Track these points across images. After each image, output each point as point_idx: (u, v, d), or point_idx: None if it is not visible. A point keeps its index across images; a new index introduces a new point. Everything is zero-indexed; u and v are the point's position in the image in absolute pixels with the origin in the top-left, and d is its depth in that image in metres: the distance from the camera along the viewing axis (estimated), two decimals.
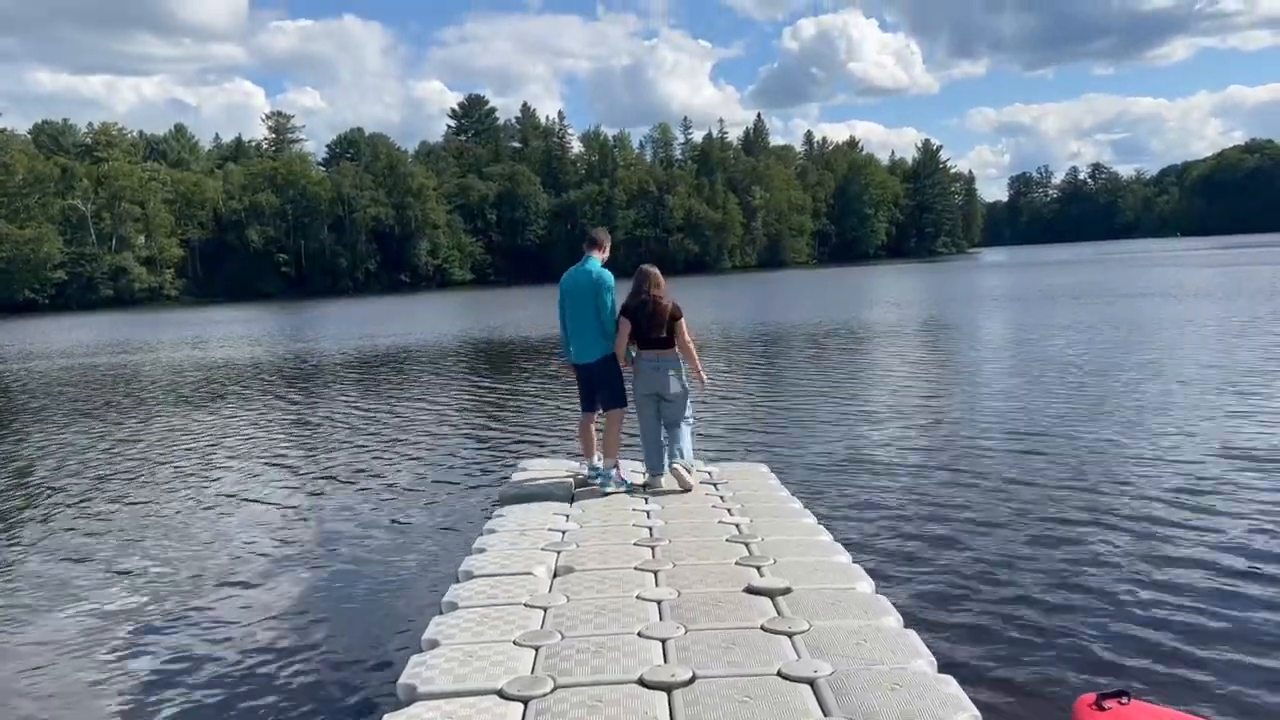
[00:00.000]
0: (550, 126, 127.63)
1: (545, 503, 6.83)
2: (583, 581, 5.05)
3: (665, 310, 6.92)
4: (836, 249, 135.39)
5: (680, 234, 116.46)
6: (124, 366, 26.63)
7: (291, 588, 6.97)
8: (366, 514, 8.95)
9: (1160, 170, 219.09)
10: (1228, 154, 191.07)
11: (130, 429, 14.95)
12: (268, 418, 15.60)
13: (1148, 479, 8.61)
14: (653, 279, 6.97)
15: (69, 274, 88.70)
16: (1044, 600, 5.91)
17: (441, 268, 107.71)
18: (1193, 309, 26.42)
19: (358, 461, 11.45)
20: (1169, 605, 5.73)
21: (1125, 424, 11.12)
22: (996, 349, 20.32)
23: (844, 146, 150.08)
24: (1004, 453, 10.00)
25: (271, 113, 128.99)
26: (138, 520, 9.15)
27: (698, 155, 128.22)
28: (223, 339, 37.16)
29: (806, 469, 9.65)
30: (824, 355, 20.65)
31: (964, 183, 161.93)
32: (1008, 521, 7.56)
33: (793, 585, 4.79)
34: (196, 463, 11.94)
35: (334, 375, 22.02)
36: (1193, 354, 16.98)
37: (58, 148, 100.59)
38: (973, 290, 45.03)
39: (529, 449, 11.45)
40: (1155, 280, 42.55)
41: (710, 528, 6.05)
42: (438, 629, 4.42)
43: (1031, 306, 31.98)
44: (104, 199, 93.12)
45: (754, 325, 30.36)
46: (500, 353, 25.64)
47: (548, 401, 15.61)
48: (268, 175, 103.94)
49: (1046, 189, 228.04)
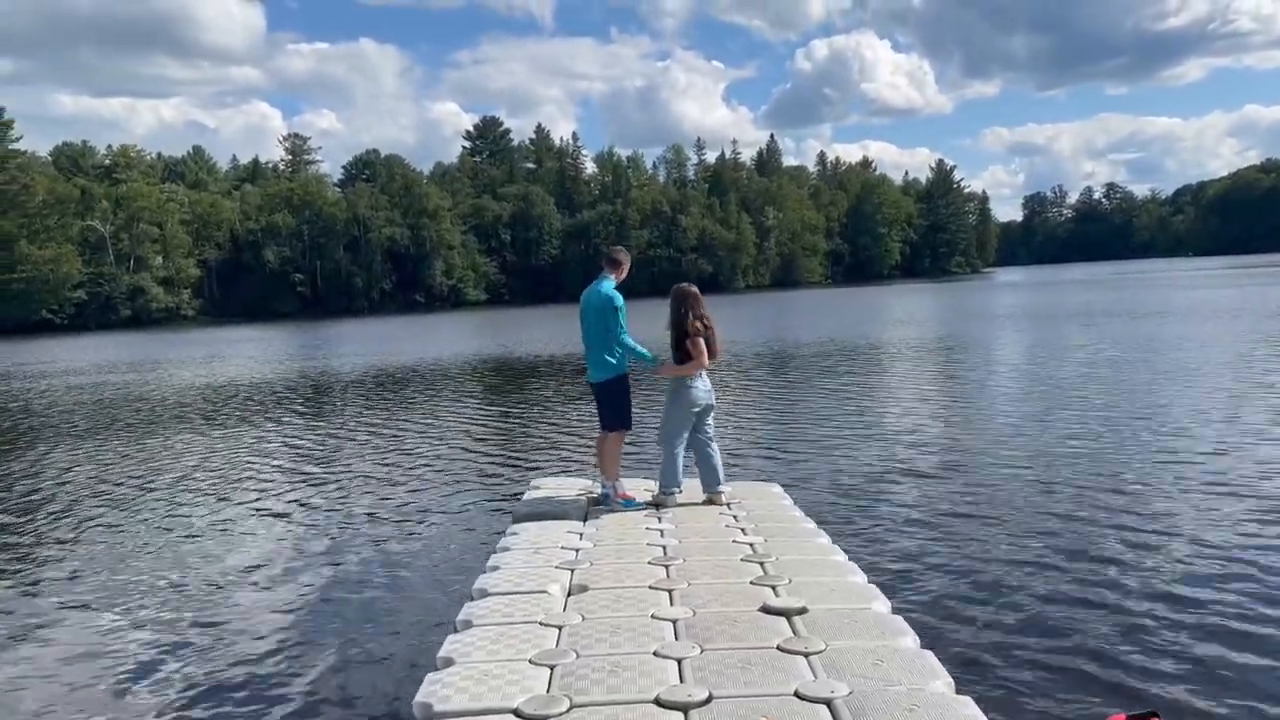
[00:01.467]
0: (564, 147, 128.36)
1: (559, 521, 6.84)
2: (598, 600, 5.04)
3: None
4: (850, 269, 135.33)
5: (694, 254, 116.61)
6: (143, 385, 26.79)
7: (305, 605, 6.97)
8: (380, 533, 8.95)
9: (1175, 190, 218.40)
10: (1243, 174, 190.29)
11: (148, 446, 15.03)
12: (282, 435, 15.65)
13: (1168, 497, 8.53)
14: (703, 302, 7.32)
15: (88, 294, 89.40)
16: (1063, 620, 5.85)
17: (456, 288, 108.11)
18: (1209, 328, 26.26)
19: (371, 480, 11.47)
20: (1193, 625, 5.66)
21: (1143, 443, 11.03)
22: (1011, 368, 20.23)
23: (857, 167, 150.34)
24: (1020, 472, 9.93)
25: (288, 134, 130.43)
26: (153, 535, 9.18)
27: (711, 176, 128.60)
28: (239, 358, 37.37)
29: (819, 489, 9.60)
30: (837, 375, 20.60)
31: (978, 202, 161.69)
32: (1024, 541, 7.50)
33: (809, 605, 4.77)
34: (212, 480, 11.98)
35: (348, 394, 22.09)
36: (1210, 374, 16.86)
37: (77, 169, 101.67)
38: (987, 310, 44.88)
39: (542, 467, 11.45)
40: (1169, 300, 42.33)
41: (724, 547, 6.03)
42: (453, 647, 4.42)
43: (1046, 326, 31.85)
44: (122, 220, 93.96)
45: (767, 345, 30.33)
46: (513, 371, 25.69)
47: (561, 420, 15.62)
48: (284, 196, 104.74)
49: (1061, 209, 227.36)
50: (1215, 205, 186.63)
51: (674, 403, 7.23)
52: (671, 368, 7.22)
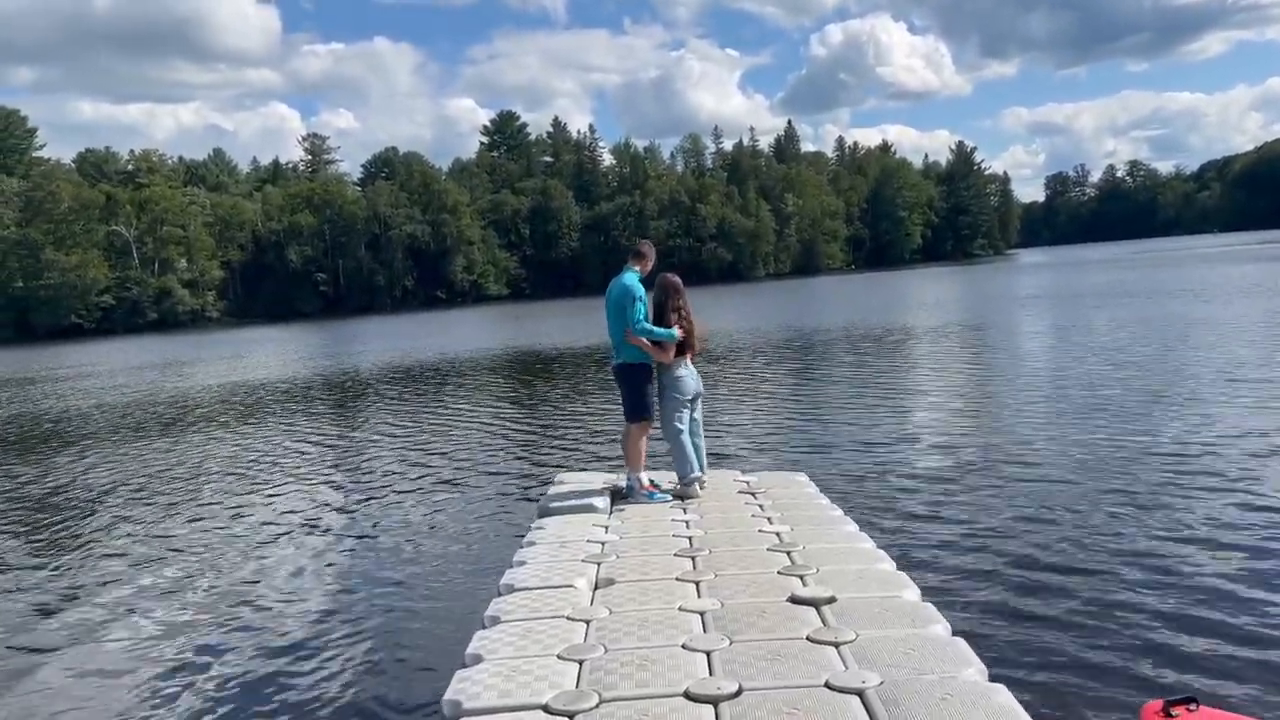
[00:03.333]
0: (581, 140, 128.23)
1: (584, 514, 6.81)
2: (624, 594, 5.02)
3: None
4: (871, 254, 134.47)
5: (713, 243, 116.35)
6: (172, 387, 27.05)
7: (333, 603, 7.00)
8: (407, 529, 8.98)
9: (1200, 166, 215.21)
10: (1271, 146, 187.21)
11: (179, 446, 15.16)
12: (308, 433, 15.74)
13: (1205, 483, 8.40)
14: (684, 294, 7.36)
15: (115, 298, 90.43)
16: (1096, 605, 5.77)
17: (477, 283, 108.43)
18: (1235, 307, 25.89)
19: (397, 477, 11.51)
20: (1231, 611, 5.57)
21: (1178, 427, 10.87)
22: (1039, 354, 20.03)
23: (876, 151, 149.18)
24: (1050, 460, 9.82)
25: (307, 135, 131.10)
26: (184, 533, 9.25)
27: (729, 164, 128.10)
28: (266, 358, 37.65)
29: (845, 477, 9.54)
30: (860, 361, 20.48)
31: (999, 184, 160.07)
32: (1055, 526, 7.41)
33: (837, 594, 4.72)
34: (241, 479, 12.07)
35: (373, 391, 22.20)
36: (1243, 355, 16.61)
37: (101, 175, 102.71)
38: (1011, 293, 44.47)
39: (567, 461, 11.45)
40: (1195, 278, 41.78)
41: (751, 537, 5.99)
42: (481, 644, 4.41)
43: (1072, 309, 31.52)
44: (146, 224, 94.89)
45: (789, 332, 30.20)
46: (536, 365, 25.72)
47: (584, 413, 15.61)
48: (305, 196, 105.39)
49: (1084, 188, 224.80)
50: (1242, 180, 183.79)
51: (666, 393, 7.26)
52: (650, 348, 7.17)
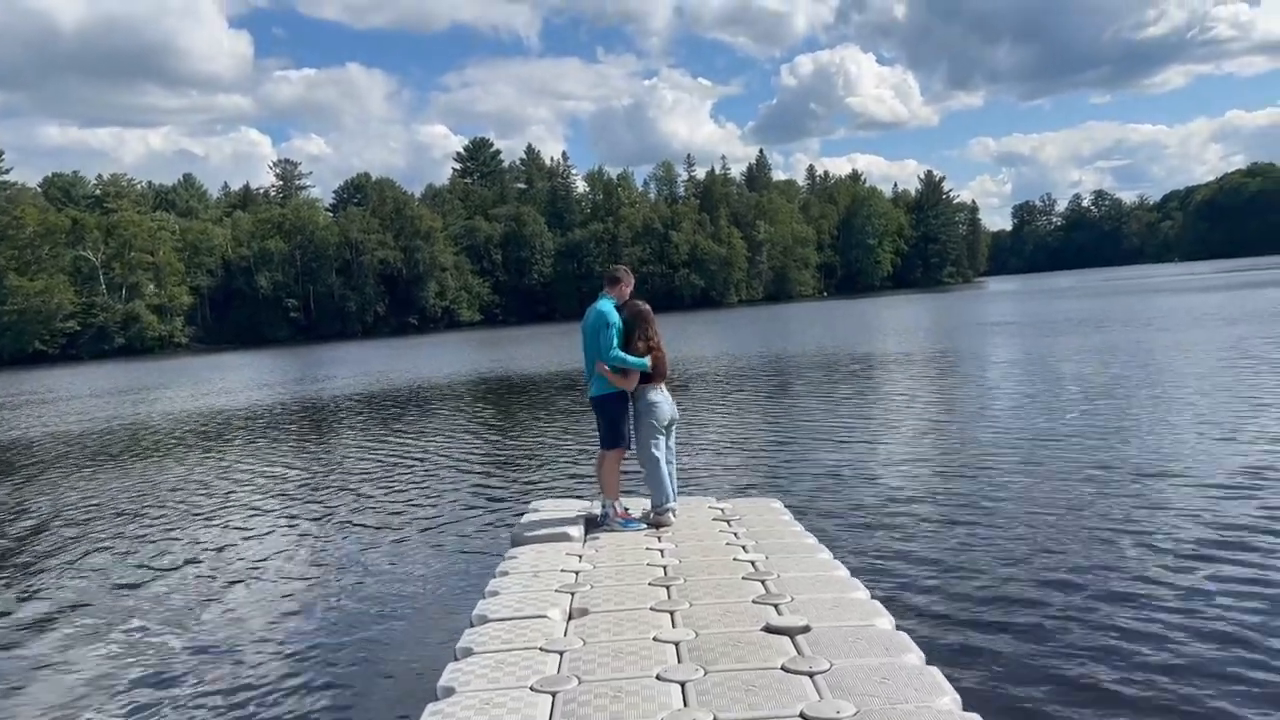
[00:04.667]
0: (554, 167, 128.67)
1: (558, 543, 6.78)
2: (599, 624, 4.99)
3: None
4: (842, 281, 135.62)
5: (686, 269, 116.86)
6: (137, 413, 26.68)
7: (301, 632, 6.90)
8: (377, 559, 8.88)
9: (1164, 196, 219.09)
10: (1230, 178, 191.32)
11: (143, 474, 14.93)
12: (277, 461, 15.57)
13: (1169, 508, 8.50)
14: (654, 322, 7.39)
15: (80, 324, 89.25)
16: (1070, 634, 5.79)
17: (449, 309, 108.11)
18: (1198, 333, 26.31)
19: (368, 505, 11.40)
20: (1210, 639, 5.60)
21: (1143, 451, 11.01)
22: (1007, 379, 20.22)
23: (846, 180, 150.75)
24: (1021, 485, 9.90)
25: (278, 160, 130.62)
26: (152, 562, 9.09)
27: (701, 192, 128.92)
28: (234, 385, 37.25)
29: (819, 503, 9.55)
30: (834, 388, 20.58)
31: (968, 212, 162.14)
32: (1028, 553, 7.45)
33: (812, 623, 4.72)
34: (208, 508, 11.89)
35: (343, 418, 22.01)
36: (1205, 378, 16.86)
37: (68, 200, 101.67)
38: (981, 319, 44.93)
39: (541, 488, 11.39)
40: (1158, 306, 42.44)
41: (726, 565, 5.98)
42: (453, 676, 4.37)
43: (1040, 335, 31.88)
44: (114, 249, 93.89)
45: (763, 359, 30.32)
46: (509, 392, 25.63)
47: (558, 440, 15.56)
48: (276, 222, 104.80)
49: (1050, 217, 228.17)
50: (1203, 210, 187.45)
51: (641, 420, 7.23)
52: (613, 376, 7.18)
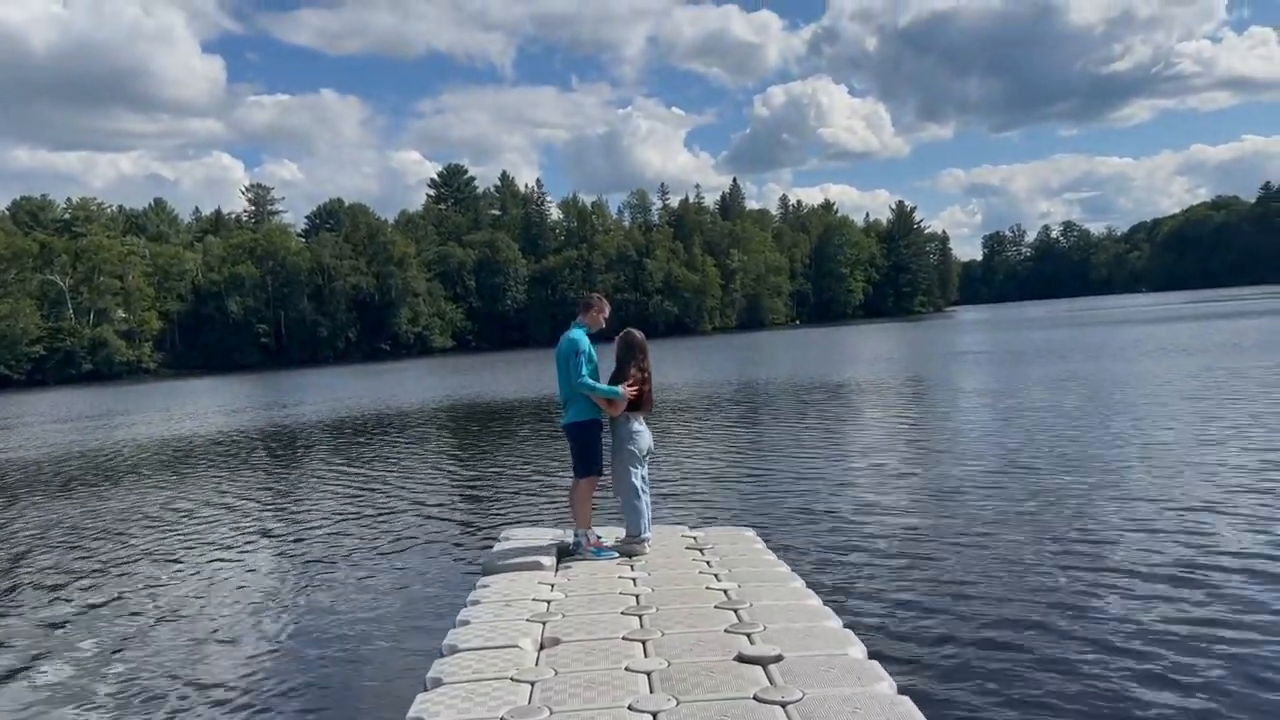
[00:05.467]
0: (529, 194, 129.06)
1: (530, 572, 6.74)
2: (570, 653, 4.95)
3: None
4: (815, 309, 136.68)
5: (660, 297, 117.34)
6: (104, 439, 26.30)
7: (268, 663, 6.79)
8: (346, 588, 8.77)
9: (1131, 227, 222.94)
10: (1195, 210, 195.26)
11: (107, 501, 14.69)
12: (243, 489, 15.38)
13: (1139, 532, 8.57)
14: (648, 353, 7.40)
15: (46, 349, 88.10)
16: (1042, 660, 5.81)
17: (422, 335, 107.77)
18: (1165, 364, 26.68)
19: (336, 533, 11.27)
20: (1169, 662, 5.65)
21: (1112, 477, 11.11)
22: (978, 407, 20.38)
23: (819, 209, 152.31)
24: (991, 510, 9.95)
25: (250, 185, 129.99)
26: (88, 597, 8.93)
27: (675, 220, 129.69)
28: (202, 411, 36.83)
29: (792, 532, 9.55)
30: (806, 416, 20.65)
31: (939, 242, 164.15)
32: (998, 579, 7.49)
33: (784, 652, 4.72)
34: (172, 537, 11.71)
35: (312, 444, 21.80)
36: (1172, 407, 17.08)
37: (36, 224, 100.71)
38: (951, 348, 45.34)
39: (513, 516, 11.32)
40: (1125, 337, 43.04)
41: (698, 594, 5.97)
42: (423, 707, 4.32)
43: (1010, 364, 32.20)
44: (82, 273, 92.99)
45: (737, 386, 30.39)
46: (481, 419, 25.51)
47: (532, 467, 15.48)
48: (247, 247, 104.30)
49: (1020, 247, 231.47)
50: (1170, 242, 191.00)
51: (621, 448, 7.23)
52: (602, 402, 7.20)
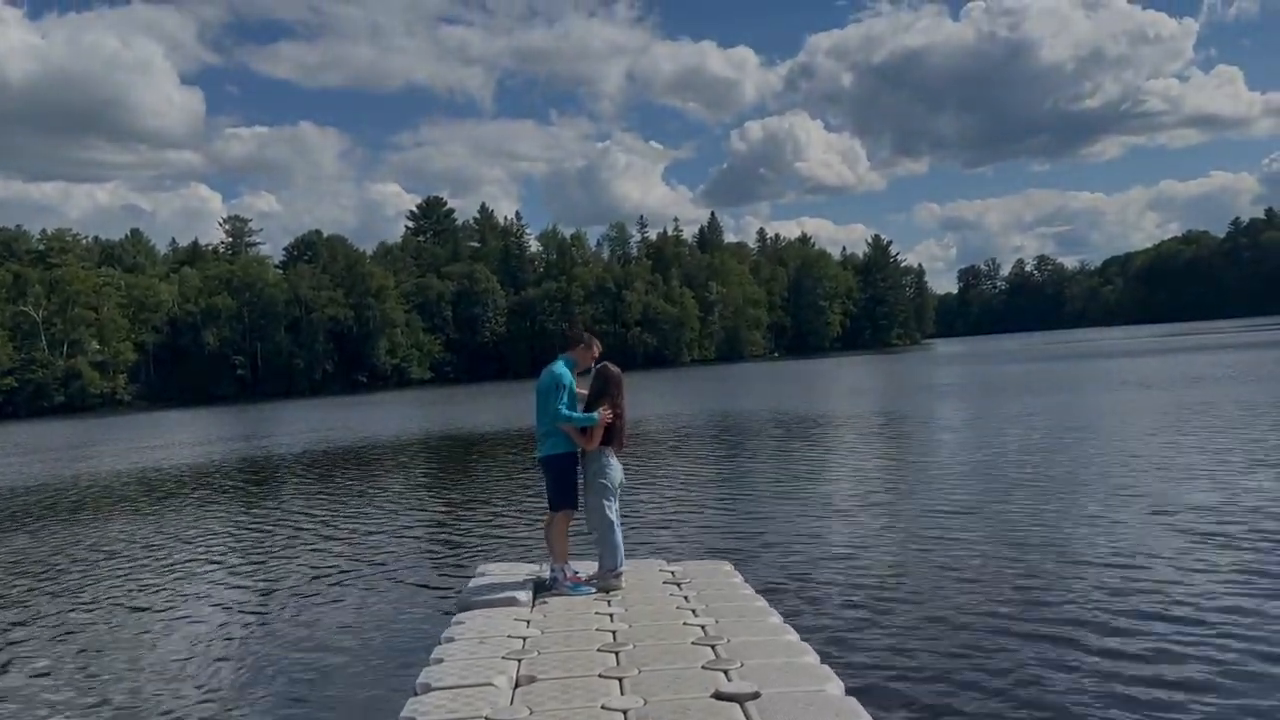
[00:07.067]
0: (508, 226, 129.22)
1: (506, 608, 6.67)
2: (546, 692, 4.90)
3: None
4: (793, 341, 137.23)
5: (639, 328, 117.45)
6: (76, 472, 25.92)
7: (238, 702, 6.66)
8: (319, 625, 8.65)
9: (1104, 261, 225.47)
10: (1166, 245, 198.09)
11: (78, 534, 14.45)
12: (216, 523, 15.18)
13: (1116, 564, 8.59)
14: (624, 390, 7.34)
15: (18, 381, 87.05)
16: (1019, 695, 5.81)
17: (400, 367, 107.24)
18: (1133, 397, 26.94)
19: (309, 568, 11.12)
20: (1148, 688, 5.66)
21: (1087, 509, 11.16)
22: (954, 440, 20.48)
23: (796, 242, 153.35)
24: (970, 544, 9.96)
25: (228, 217, 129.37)
26: (81, 631, 8.76)
27: (653, 252, 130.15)
28: (176, 443, 36.42)
29: (770, 565, 9.52)
30: (785, 448, 20.67)
31: (914, 276, 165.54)
32: (976, 612, 7.48)
33: (761, 689, 4.68)
34: (143, 572, 11.52)
35: (286, 478, 21.58)
36: (1142, 440, 17.22)
37: (10, 254, 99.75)
38: (927, 381, 45.59)
39: (489, 551, 11.22)
40: (1100, 370, 43.46)
41: (675, 629, 5.93)
42: None
43: (985, 397, 32.41)
44: (56, 304, 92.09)
45: (715, 418, 30.38)
46: (458, 452, 25.35)
47: (508, 501, 15.38)
48: (224, 278, 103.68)
49: (995, 281, 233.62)
50: (1142, 275, 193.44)
51: (594, 482, 7.21)
52: (576, 434, 7.19)
